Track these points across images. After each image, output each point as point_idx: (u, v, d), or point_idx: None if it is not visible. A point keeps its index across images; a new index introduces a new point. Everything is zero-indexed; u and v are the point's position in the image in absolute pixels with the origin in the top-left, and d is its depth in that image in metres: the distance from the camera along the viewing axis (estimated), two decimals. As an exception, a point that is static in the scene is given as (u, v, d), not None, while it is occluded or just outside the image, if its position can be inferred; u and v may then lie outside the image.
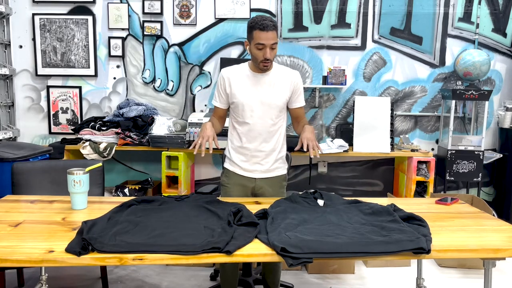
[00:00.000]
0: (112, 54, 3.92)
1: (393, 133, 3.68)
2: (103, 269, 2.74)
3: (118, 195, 3.49)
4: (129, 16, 3.88)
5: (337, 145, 3.55)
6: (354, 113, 3.69)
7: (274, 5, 3.86)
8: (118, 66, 3.95)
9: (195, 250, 1.51)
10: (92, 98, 3.99)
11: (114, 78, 3.97)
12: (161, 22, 3.87)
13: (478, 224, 1.90)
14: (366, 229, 1.71)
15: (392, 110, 3.70)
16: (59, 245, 1.54)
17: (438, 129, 4.02)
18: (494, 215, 2.93)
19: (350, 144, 3.67)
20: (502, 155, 3.82)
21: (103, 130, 3.59)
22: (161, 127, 3.54)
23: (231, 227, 1.67)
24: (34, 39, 3.91)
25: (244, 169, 2.32)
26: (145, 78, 3.97)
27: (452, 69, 3.93)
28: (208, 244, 1.53)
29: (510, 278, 3.05)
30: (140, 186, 3.65)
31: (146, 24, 3.88)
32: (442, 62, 3.94)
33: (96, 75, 3.95)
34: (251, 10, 3.84)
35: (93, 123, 3.63)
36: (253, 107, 2.24)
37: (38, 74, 3.95)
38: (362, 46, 3.92)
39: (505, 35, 3.92)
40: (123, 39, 3.91)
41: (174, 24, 3.88)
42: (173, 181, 3.61)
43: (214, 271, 2.99)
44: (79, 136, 3.63)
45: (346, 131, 3.82)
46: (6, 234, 1.67)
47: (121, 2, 3.86)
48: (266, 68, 2.19)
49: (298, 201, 2.06)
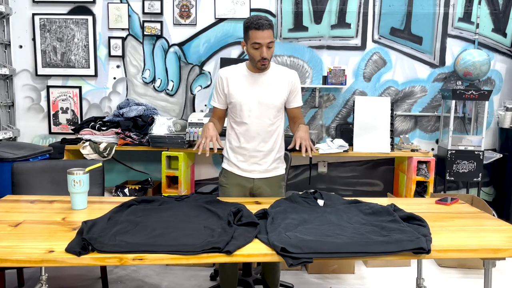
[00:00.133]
0: (112, 54, 3.92)
1: (393, 133, 3.68)
2: (103, 269, 2.74)
3: (118, 195, 3.49)
4: (129, 16, 3.88)
5: (337, 145, 3.55)
6: (354, 113, 3.69)
7: (274, 5, 3.86)
8: (118, 66, 3.95)
9: (195, 250, 1.51)
10: (92, 98, 3.99)
11: (114, 78, 3.97)
12: (161, 22, 3.88)
13: (478, 224, 1.90)
14: (366, 229, 1.71)
15: (392, 110, 3.70)
16: (59, 245, 1.54)
17: (438, 129, 4.02)
18: (494, 215, 2.93)
19: (350, 144, 3.67)
20: (502, 155, 3.82)
21: (103, 130, 3.59)
22: (161, 127, 3.54)
23: (231, 227, 1.67)
24: (34, 39, 3.91)
25: (242, 169, 2.32)
26: (145, 78, 3.97)
27: (452, 69, 3.93)
28: (208, 244, 1.53)
29: (510, 278, 3.05)
30: (140, 186, 3.65)
31: (146, 24, 3.88)
32: (442, 62, 3.94)
33: (96, 75, 3.95)
34: (251, 10, 3.84)
35: (93, 123, 3.63)
36: (251, 107, 2.23)
37: (38, 74, 3.95)
38: (362, 46, 3.92)
39: (505, 35, 3.92)
40: (123, 39, 3.91)
41: (174, 24, 3.88)
42: (173, 181, 3.61)
43: (214, 271, 2.99)
44: (79, 136, 3.63)
45: (346, 131, 3.82)
46: (6, 234, 1.67)
47: (121, 2, 3.86)
48: (264, 67, 2.18)
49: (298, 201, 2.06)
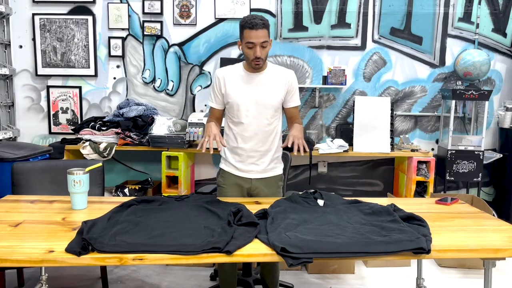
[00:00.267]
0: (112, 54, 3.92)
1: (393, 133, 3.68)
2: (103, 269, 2.74)
3: (118, 195, 3.49)
4: (129, 16, 3.88)
5: (337, 145, 3.55)
6: (354, 113, 3.69)
7: (274, 5, 3.86)
8: (118, 66, 3.95)
9: (195, 250, 1.51)
10: (92, 98, 3.99)
11: (114, 78, 3.97)
12: (161, 22, 3.87)
13: (478, 224, 1.90)
14: (366, 229, 1.71)
15: (392, 110, 3.70)
16: (59, 245, 1.54)
17: (438, 129, 4.02)
18: (494, 215, 2.93)
19: (350, 144, 3.67)
20: (502, 155, 3.82)
21: (103, 130, 3.59)
22: (161, 127, 3.54)
23: (231, 227, 1.67)
24: (34, 39, 3.91)
25: (239, 169, 2.32)
26: (145, 78, 3.97)
27: (452, 69, 3.93)
28: (208, 244, 1.53)
29: (510, 278, 3.05)
30: (140, 186, 3.65)
31: (146, 24, 3.88)
32: (442, 62, 3.94)
33: (96, 75, 3.95)
34: (251, 10, 3.84)
35: (93, 123, 3.63)
36: (248, 107, 2.23)
37: (38, 74, 3.95)
38: (362, 46, 3.92)
39: (505, 35, 3.92)
40: (123, 39, 3.91)
41: (174, 24, 3.88)
42: (173, 181, 3.61)
43: (214, 271, 2.99)
44: (79, 136, 3.63)
45: (346, 131, 3.82)
46: (6, 234, 1.67)
47: (121, 2, 3.86)
48: (258, 66, 2.18)
49: (298, 201, 2.06)
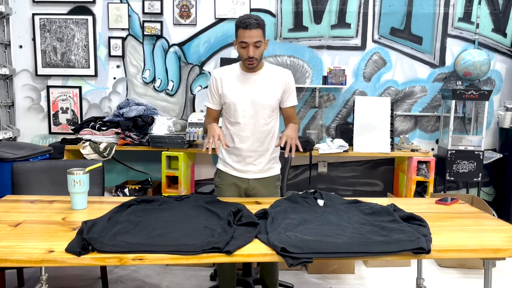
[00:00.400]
0: (112, 54, 3.92)
1: (393, 133, 3.68)
2: (103, 269, 2.74)
3: (118, 195, 3.49)
4: (129, 16, 3.88)
5: (337, 145, 3.55)
6: (354, 113, 3.69)
7: (274, 5, 3.86)
8: (118, 66, 3.95)
9: (195, 250, 1.51)
10: (92, 98, 3.99)
11: (114, 78, 3.97)
12: (161, 22, 3.87)
13: (478, 224, 1.90)
14: (366, 229, 1.71)
15: (392, 110, 3.70)
16: (59, 245, 1.54)
17: (438, 129, 4.02)
18: (494, 215, 2.93)
19: (350, 144, 3.67)
20: (502, 155, 3.82)
21: (103, 130, 3.59)
22: (161, 127, 3.54)
23: (231, 227, 1.67)
24: (34, 39, 3.91)
25: (237, 169, 2.31)
26: (145, 78, 3.97)
27: (452, 69, 3.93)
28: (208, 244, 1.53)
29: (510, 278, 3.05)
30: (140, 186, 3.65)
31: (146, 24, 3.88)
32: (442, 62, 3.94)
33: (96, 75, 3.95)
34: (251, 10, 3.84)
35: (93, 123, 3.63)
36: (245, 107, 2.23)
37: (38, 74, 3.95)
38: (362, 46, 3.92)
39: (505, 35, 3.92)
40: (123, 39, 3.91)
41: (174, 24, 3.88)
42: (173, 181, 3.61)
43: (214, 271, 2.99)
44: (79, 136, 3.63)
45: (346, 131, 3.82)
46: (6, 234, 1.67)
47: (121, 2, 3.86)
48: (251, 66, 2.17)
49: (298, 201, 2.06)
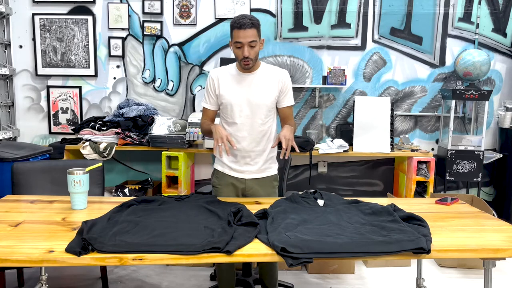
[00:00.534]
0: (112, 54, 3.92)
1: (393, 133, 3.68)
2: (103, 269, 2.73)
3: (118, 195, 3.49)
4: (129, 16, 3.88)
5: (337, 145, 3.55)
6: (354, 113, 3.69)
7: (274, 5, 3.86)
8: (118, 66, 3.95)
9: (195, 250, 1.51)
10: (92, 98, 3.99)
11: (114, 78, 3.97)
12: (161, 22, 3.87)
13: (478, 224, 1.90)
14: (366, 229, 1.71)
15: (392, 110, 3.70)
16: (59, 245, 1.54)
17: (438, 129, 4.02)
18: (494, 215, 2.93)
19: (350, 144, 3.67)
20: (502, 155, 3.82)
21: (103, 130, 3.59)
22: (161, 127, 3.54)
23: (231, 227, 1.67)
24: (34, 39, 3.91)
25: (234, 169, 2.31)
26: (145, 78, 3.97)
27: (452, 69, 3.93)
28: (208, 244, 1.53)
29: (510, 278, 3.05)
30: (140, 186, 3.65)
31: (146, 24, 3.88)
32: (442, 62, 3.94)
33: (96, 75, 3.95)
34: (251, 10, 3.84)
35: (93, 123, 3.63)
36: (241, 107, 2.22)
37: (38, 74, 3.95)
38: (362, 46, 3.92)
39: (505, 35, 3.92)
40: (123, 39, 3.91)
41: (174, 24, 3.88)
42: (173, 181, 3.61)
43: (214, 271, 2.99)
44: (79, 136, 3.63)
45: (346, 131, 3.82)
46: (6, 234, 1.67)
47: (121, 2, 3.86)
48: (247, 66, 2.17)
49: (298, 201, 2.06)
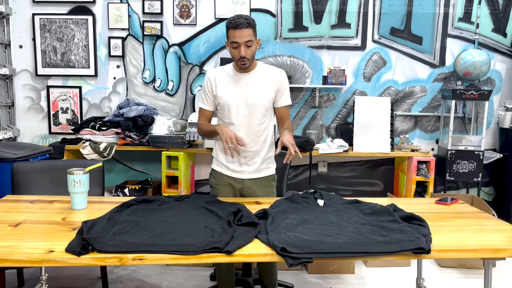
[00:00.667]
0: (112, 54, 3.92)
1: (393, 133, 3.68)
2: (103, 269, 2.73)
3: (118, 195, 3.49)
4: (129, 16, 3.88)
5: (337, 145, 3.55)
6: (354, 113, 3.69)
7: (274, 5, 3.86)
8: (118, 66, 3.95)
9: (195, 250, 1.51)
10: (92, 98, 3.99)
11: (114, 78, 3.97)
12: (161, 22, 3.87)
13: (478, 224, 1.90)
14: (366, 229, 1.71)
15: (392, 110, 3.70)
16: (59, 245, 1.54)
17: (438, 129, 4.02)
18: (494, 215, 2.93)
19: (350, 144, 3.67)
20: (502, 155, 3.82)
21: (103, 130, 3.59)
22: (161, 127, 3.54)
23: (231, 227, 1.67)
24: (34, 39, 3.91)
25: (231, 169, 2.31)
26: (145, 78, 3.97)
27: (452, 69, 3.93)
28: (208, 244, 1.53)
29: (510, 278, 3.05)
30: (140, 186, 3.65)
31: (146, 24, 3.88)
32: (442, 62, 3.94)
33: (96, 75, 3.95)
34: (251, 10, 3.84)
35: (93, 123, 3.63)
36: (238, 107, 2.23)
37: (38, 74, 3.95)
38: (362, 46, 3.92)
39: (505, 35, 3.92)
40: (123, 39, 3.91)
41: (174, 24, 3.88)
42: (173, 181, 3.61)
43: (214, 271, 2.99)
44: (79, 136, 3.63)
45: (346, 131, 3.82)
46: (6, 234, 1.67)
47: (121, 2, 3.86)
48: (244, 66, 2.17)
49: (298, 201, 2.06)
